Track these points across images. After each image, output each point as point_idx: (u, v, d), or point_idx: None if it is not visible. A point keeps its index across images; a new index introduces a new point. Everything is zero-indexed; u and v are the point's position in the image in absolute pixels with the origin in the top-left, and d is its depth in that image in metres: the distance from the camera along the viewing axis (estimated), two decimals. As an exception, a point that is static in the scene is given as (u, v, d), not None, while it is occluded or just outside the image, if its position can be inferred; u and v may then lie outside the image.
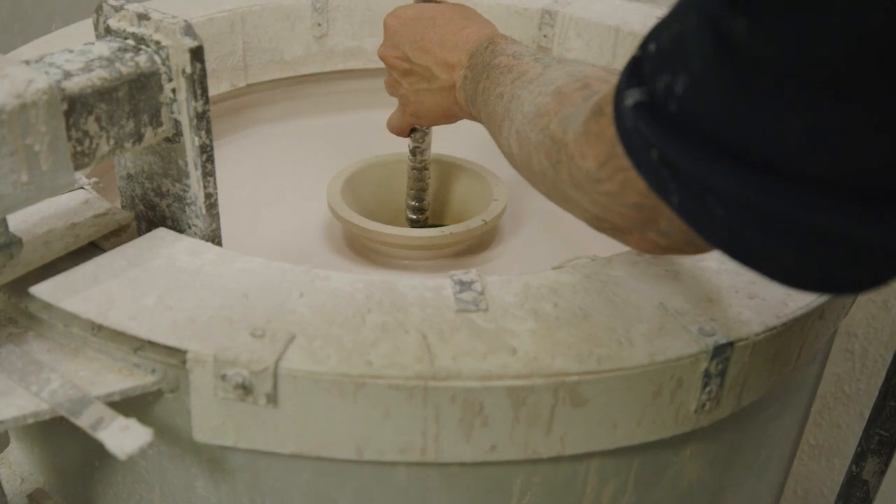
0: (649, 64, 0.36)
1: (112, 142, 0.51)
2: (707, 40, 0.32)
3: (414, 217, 0.86)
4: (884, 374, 0.97)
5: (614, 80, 0.40)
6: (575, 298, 0.52)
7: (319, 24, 0.98)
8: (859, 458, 0.79)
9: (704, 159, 0.34)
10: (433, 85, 0.70)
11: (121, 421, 0.45)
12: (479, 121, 0.65)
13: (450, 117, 0.73)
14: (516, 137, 0.53)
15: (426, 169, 0.83)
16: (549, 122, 0.48)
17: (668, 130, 0.35)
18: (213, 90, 0.94)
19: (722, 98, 0.32)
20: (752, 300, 0.54)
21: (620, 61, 0.95)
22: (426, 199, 0.85)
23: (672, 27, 0.35)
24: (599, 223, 0.46)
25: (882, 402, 0.73)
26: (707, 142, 0.33)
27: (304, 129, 1.01)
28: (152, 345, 0.48)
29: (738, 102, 0.32)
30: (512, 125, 0.54)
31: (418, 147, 0.82)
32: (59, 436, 0.58)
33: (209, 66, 0.92)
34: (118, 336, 0.49)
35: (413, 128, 0.80)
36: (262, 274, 0.53)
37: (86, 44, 0.52)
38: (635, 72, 0.37)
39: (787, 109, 0.31)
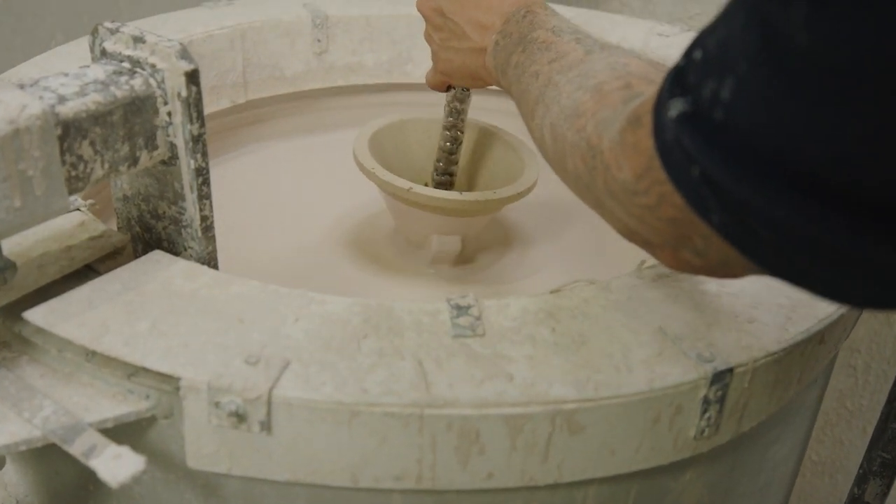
0: (694, 72, 0.34)
1: (107, 166, 0.51)
2: (756, 38, 0.30)
3: (439, 182, 0.82)
4: (886, 389, 0.97)
5: (658, 79, 0.38)
6: (573, 323, 0.52)
7: (319, 41, 0.98)
8: (861, 480, 0.78)
9: (750, 179, 0.32)
10: (463, 44, 0.67)
11: (113, 449, 0.45)
12: (509, 93, 0.61)
13: (477, 80, 0.69)
14: (550, 130, 0.50)
15: (460, 132, 0.79)
16: (585, 124, 0.45)
17: (713, 145, 0.33)
18: (213, 107, 0.94)
19: (772, 101, 0.30)
20: (752, 324, 0.53)
21: (621, 78, 0.95)
22: (455, 165, 0.81)
23: (718, 31, 0.33)
24: (632, 235, 0.44)
25: (884, 424, 0.73)
26: (754, 157, 0.31)
27: (304, 145, 1.01)
28: (146, 371, 0.48)
29: (790, 105, 0.30)
30: (547, 114, 0.51)
31: (454, 107, 0.78)
32: (53, 459, 0.58)
33: (209, 82, 0.92)
34: (112, 362, 0.48)
35: (450, 85, 0.76)
36: (258, 297, 0.52)
37: (81, 67, 0.52)
38: (678, 81, 0.35)
39: (845, 114, 0.28)
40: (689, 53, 0.35)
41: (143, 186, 0.57)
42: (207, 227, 0.56)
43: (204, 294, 0.53)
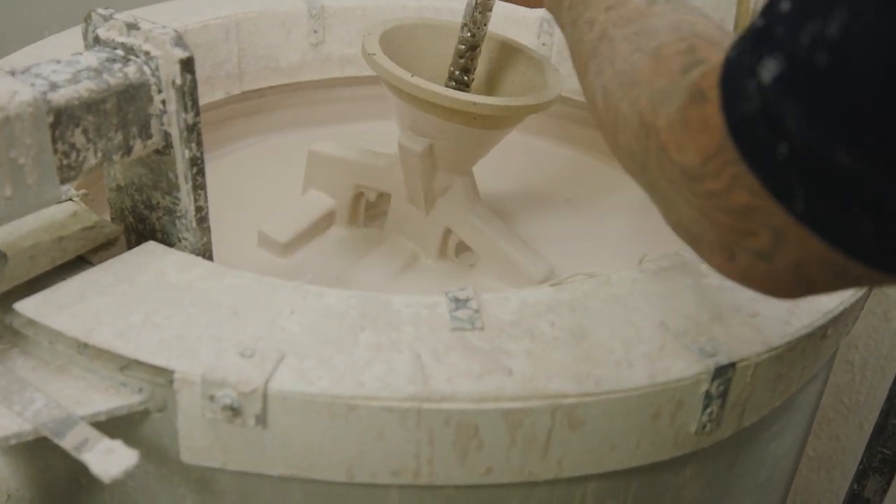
0: (784, 23, 0.29)
1: (100, 154, 0.50)
2: None
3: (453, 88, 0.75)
4: (883, 385, 0.96)
5: (727, 43, 0.34)
6: (573, 317, 0.51)
7: (315, 31, 0.97)
8: (861, 476, 0.78)
9: (862, 142, 0.27)
10: None
11: (106, 443, 0.44)
12: (561, 29, 0.55)
13: None
14: (603, 96, 0.45)
15: (479, 35, 0.73)
16: (639, 95, 0.40)
17: (815, 101, 0.28)
18: (208, 98, 0.93)
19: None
20: (755, 319, 0.52)
21: (620, 70, 0.94)
22: (471, 73, 0.75)
23: None
24: (684, 230, 0.39)
25: (884, 420, 0.72)
26: (869, 110, 0.26)
27: (300, 137, 1.00)
28: (139, 363, 0.47)
29: None
30: (599, 75, 0.46)
31: (476, 17, 0.72)
32: (45, 453, 0.57)
33: (203, 73, 0.91)
34: (104, 354, 0.47)
35: None
36: (253, 290, 0.52)
37: (74, 54, 0.51)
38: (760, 41, 0.30)
39: None
40: (770, 9, 0.30)
41: (137, 176, 0.56)
42: (202, 218, 0.55)
43: (198, 286, 0.52)
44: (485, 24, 0.74)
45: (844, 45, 0.27)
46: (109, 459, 0.43)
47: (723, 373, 0.49)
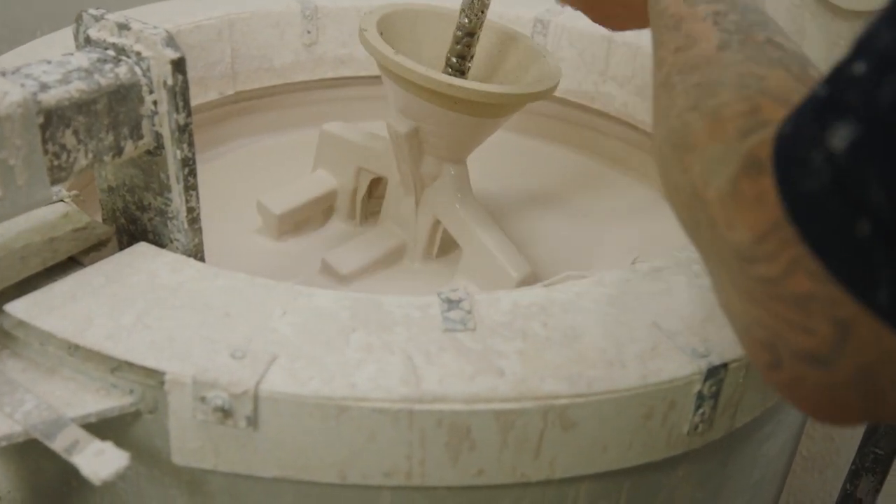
0: (857, 87, 0.26)
1: (90, 155, 0.50)
2: None
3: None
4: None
5: (797, 98, 0.30)
6: (565, 317, 0.51)
7: (309, 32, 0.96)
8: (854, 476, 0.78)
9: None
10: None
11: (96, 444, 0.44)
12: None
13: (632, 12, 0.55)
14: (658, 151, 0.41)
15: (477, 22, 0.72)
16: (693, 163, 0.36)
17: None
18: (201, 98, 0.92)
19: None
20: (747, 319, 0.52)
21: (613, 71, 0.94)
22: (469, 60, 0.74)
23: (884, 33, 0.26)
24: (731, 318, 0.34)
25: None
26: None
27: (294, 138, 1.00)
28: (130, 365, 0.47)
29: None
30: (657, 127, 0.42)
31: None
32: (35, 454, 0.57)
33: (196, 73, 0.91)
34: (95, 356, 0.47)
35: None
36: (245, 291, 0.51)
37: (64, 54, 0.51)
38: (827, 109, 0.27)
39: None
40: (836, 74, 0.28)
41: (129, 177, 0.56)
42: (194, 219, 0.55)
43: (190, 287, 0.52)
44: (482, 11, 0.73)
45: None
46: (100, 461, 0.43)
47: (715, 373, 0.49)
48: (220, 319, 0.49)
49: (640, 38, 0.92)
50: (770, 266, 0.30)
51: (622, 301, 0.53)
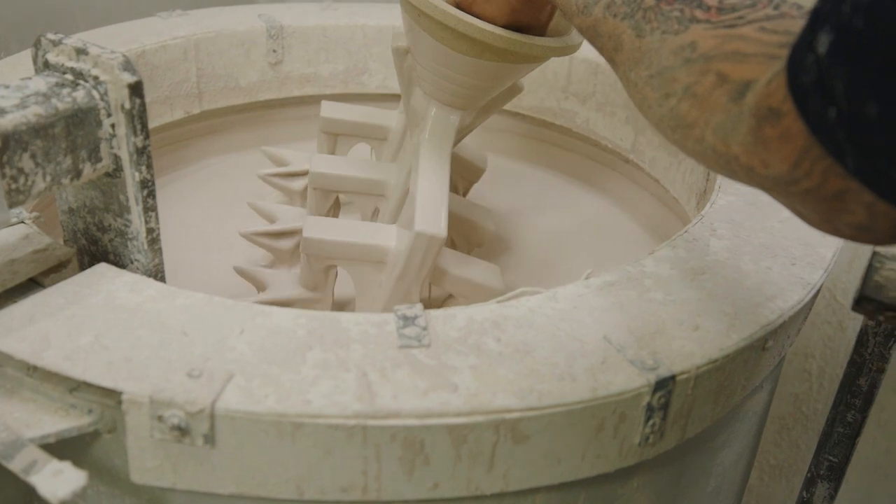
0: (831, 0, 0.32)
1: (48, 178, 0.50)
2: None
3: None
4: (839, 395, 0.97)
5: (741, 47, 0.37)
6: (518, 333, 0.52)
7: (274, 51, 0.97)
8: (809, 483, 0.79)
9: (888, 95, 0.30)
10: None
11: (54, 465, 0.44)
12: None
13: None
14: (661, 132, 0.46)
15: None
16: (702, 134, 0.42)
17: (852, 60, 0.31)
18: (167, 117, 0.93)
19: None
20: (696, 332, 0.54)
21: (575, 87, 0.96)
22: None
23: None
24: (790, 209, 0.41)
25: (830, 428, 0.74)
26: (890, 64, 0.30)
27: (260, 157, 1.01)
28: (88, 385, 0.47)
29: None
30: (648, 116, 0.47)
31: None
32: (-2, 475, 0.57)
33: (162, 92, 0.92)
34: (53, 377, 0.48)
35: None
36: (203, 310, 0.52)
37: (23, 79, 0.51)
38: (817, 20, 0.33)
39: None
40: None
41: (89, 199, 0.56)
42: (153, 240, 0.56)
43: (149, 307, 0.52)
44: None
45: (874, 5, 0.30)
46: (58, 481, 0.43)
47: (663, 385, 0.50)
48: (178, 339, 0.50)
49: (600, 56, 0.94)
50: (809, 180, 0.37)
51: (574, 316, 0.54)
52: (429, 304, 0.75)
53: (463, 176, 0.86)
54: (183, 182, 0.96)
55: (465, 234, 0.80)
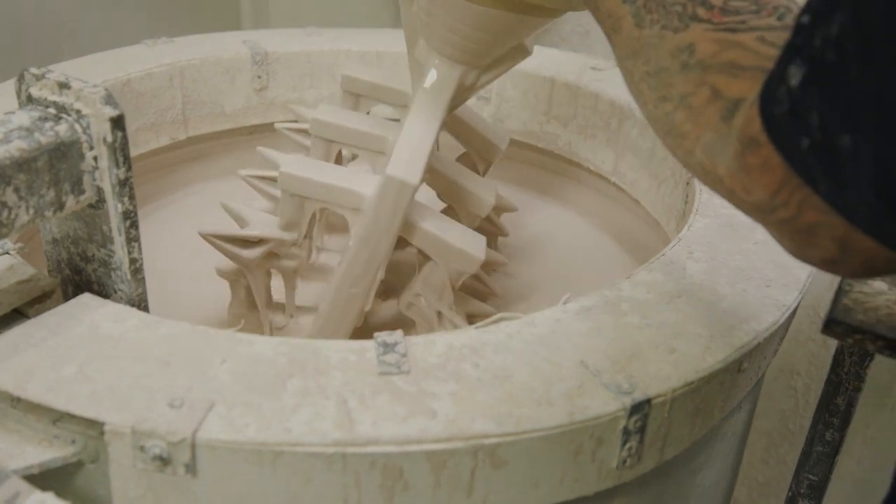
0: (803, 34, 0.33)
1: (32, 211, 0.51)
2: None
3: None
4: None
5: (735, 56, 0.38)
6: (496, 358, 0.53)
7: (259, 77, 0.99)
8: (790, 502, 0.80)
9: (858, 126, 0.31)
10: None
11: (38, 496, 0.44)
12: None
13: None
14: (653, 128, 0.47)
15: None
16: (692, 148, 0.43)
17: (825, 91, 0.32)
18: (154, 144, 0.94)
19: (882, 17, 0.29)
20: (672, 355, 0.55)
21: (557, 110, 0.97)
22: None
23: None
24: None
25: (809, 447, 0.75)
26: (867, 100, 0.30)
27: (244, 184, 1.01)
28: (71, 416, 0.48)
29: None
30: (643, 109, 0.47)
31: None
32: (-17, 505, 0.58)
33: (148, 119, 0.93)
34: (36, 408, 0.48)
35: None
36: (186, 339, 0.53)
37: (6, 113, 0.52)
38: (789, 53, 0.34)
39: None
40: (797, 23, 0.34)
41: (72, 229, 0.57)
42: (136, 270, 0.57)
43: (132, 337, 0.53)
44: None
45: (842, 39, 0.31)
46: (40, 512, 0.44)
47: (639, 409, 0.51)
48: (161, 368, 0.50)
49: (581, 79, 0.95)
50: (786, 210, 0.38)
51: (552, 340, 0.55)
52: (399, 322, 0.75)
53: (481, 155, 0.82)
54: (169, 208, 0.97)
55: (464, 204, 0.75)
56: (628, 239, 0.95)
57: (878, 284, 0.64)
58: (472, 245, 0.69)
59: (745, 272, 0.64)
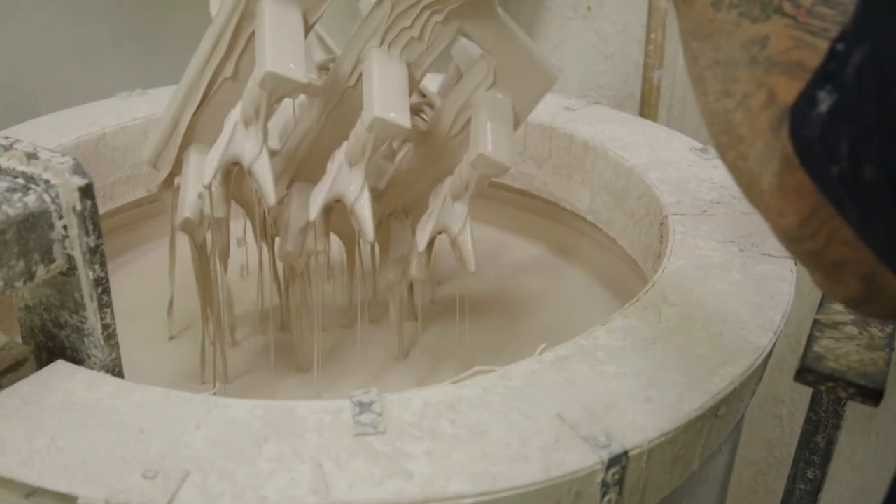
0: (836, 62, 0.33)
1: (1, 283, 0.51)
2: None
3: None
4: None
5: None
6: (472, 414, 0.53)
7: (234, 127, 0.99)
8: (778, 538, 0.80)
9: (881, 157, 0.30)
10: None
11: (10, 573, 0.44)
12: None
13: None
14: (707, 121, 0.45)
15: None
16: (746, 154, 0.41)
17: (852, 127, 0.31)
18: (129, 196, 0.94)
19: None
20: (648, 404, 0.55)
21: (531, 151, 0.97)
22: None
23: (853, 21, 0.32)
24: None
25: (791, 485, 0.75)
26: (885, 131, 0.30)
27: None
28: (44, 491, 0.47)
29: None
30: (700, 100, 0.46)
31: None
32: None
33: (123, 173, 0.93)
34: (9, 483, 0.48)
35: None
36: (160, 405, 0.53)
37: (-26, 185, 0.52)
38: (821, 77, 0.34)
39: None
40: (831, 48, 0.34)
41: (45, 296, 0.57)
42: (109, 336, 0.56)
43: (105, 405, 0.53)
44: None
45: (870, 65, 0.31)
46: (13, 591, 0.43)
47: (617, 461, 0.51)
48: (135, 437, 0.50)
49: (554, 120, 0.96)
50: (814, 242, 0.37)
51: (527, 393, 0.55)
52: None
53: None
54: (146, 259, 0.97)
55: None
56: (606, 277, 0.95)
57: (850, 329, 0.64)
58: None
59: (720, 314, 0.64)
